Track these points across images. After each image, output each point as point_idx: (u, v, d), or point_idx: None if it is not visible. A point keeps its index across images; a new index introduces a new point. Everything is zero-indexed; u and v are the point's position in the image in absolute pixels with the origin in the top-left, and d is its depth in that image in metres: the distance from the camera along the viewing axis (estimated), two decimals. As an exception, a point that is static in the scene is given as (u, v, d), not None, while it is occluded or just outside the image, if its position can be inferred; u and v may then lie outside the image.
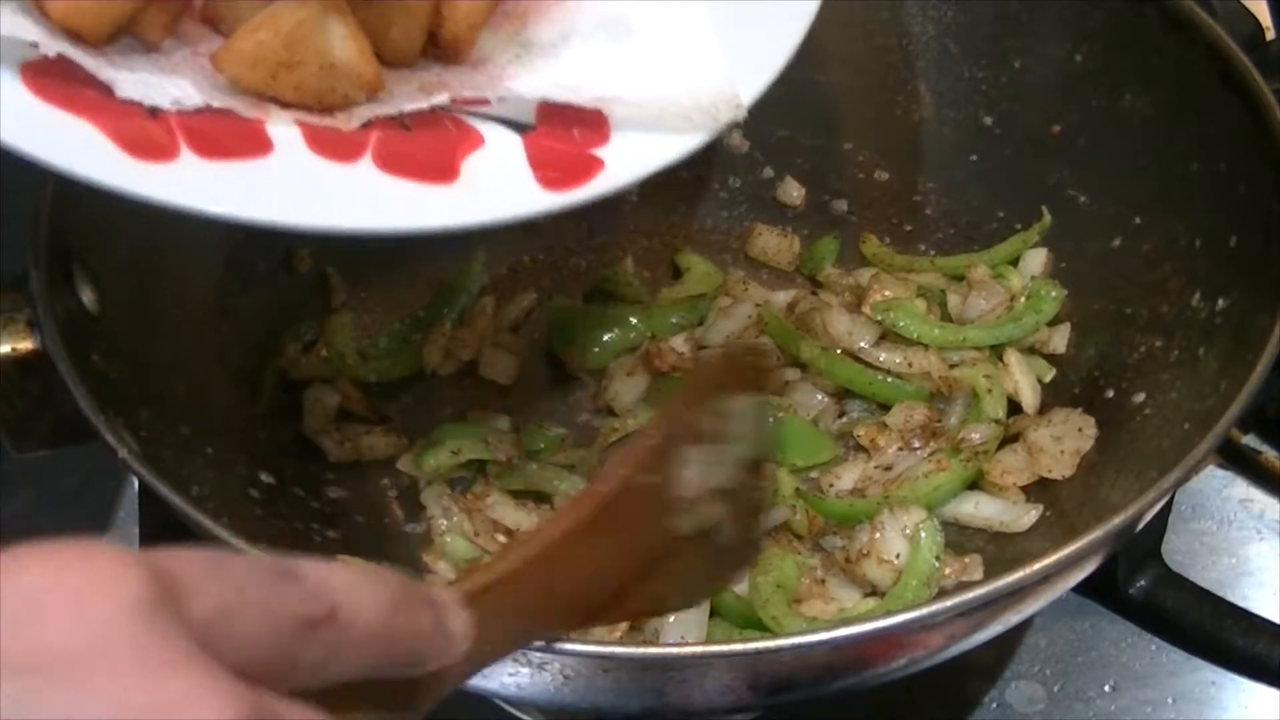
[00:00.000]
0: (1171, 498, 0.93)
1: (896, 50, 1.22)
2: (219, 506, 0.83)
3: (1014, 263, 1.17)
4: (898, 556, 0.98)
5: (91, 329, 0.92)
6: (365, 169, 0.82)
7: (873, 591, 0.99)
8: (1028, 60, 1.17)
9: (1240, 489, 1.15)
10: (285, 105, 0.83)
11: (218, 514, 0.80)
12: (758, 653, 0.74)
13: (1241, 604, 1.04)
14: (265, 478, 1.03)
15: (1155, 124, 1.07)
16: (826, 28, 1.24)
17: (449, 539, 1.02)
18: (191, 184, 0.77)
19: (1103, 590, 1.04)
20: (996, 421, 1.06)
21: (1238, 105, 0.98)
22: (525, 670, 0.75)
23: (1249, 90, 0.98)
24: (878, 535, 0.98)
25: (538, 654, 0.73)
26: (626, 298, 1.20)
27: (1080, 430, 1.03)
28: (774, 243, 1.25)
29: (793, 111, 1.27)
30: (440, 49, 0.91)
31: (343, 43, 0.83)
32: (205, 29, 0.87)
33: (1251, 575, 1.09)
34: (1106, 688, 1.02)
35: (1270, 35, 1.28)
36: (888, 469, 1.06)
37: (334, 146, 0.83)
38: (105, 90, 0.80)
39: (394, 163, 0.83)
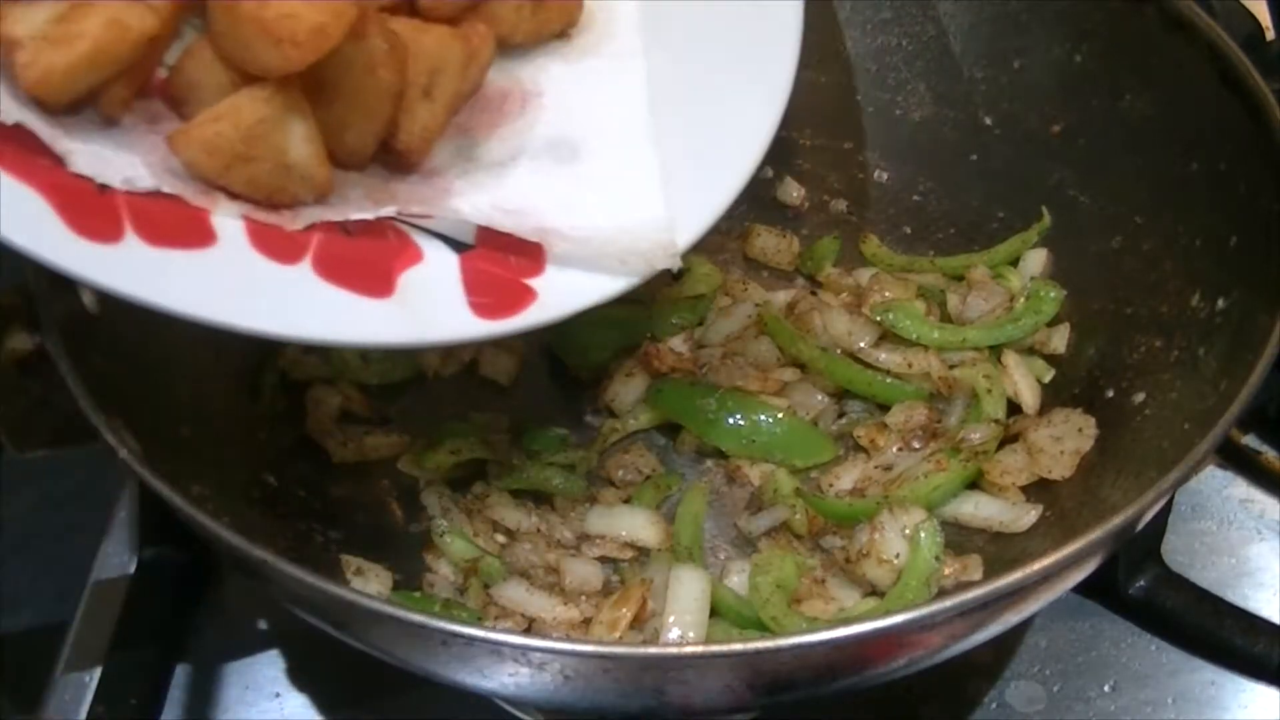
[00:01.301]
0: (1171, 498, 0.93)
1: (896, 50, 1.22)
2: (219, 506, 0.83)
3: (1014, 263, 1.17)
4: (898, 556, 0.98)
5: (91, 329, 0.92)
6: (303, 273, 0.82)
7: (873, 591, 0.99)
8: (1028, 60, 1.17)
9: (1240, 489, 1.15)
10: (233, 197, 0.83)
11: (218, 514, 0.80)
12: (758, 653, 0.74)
13: (1241, 604, 1.04)
14: (266, 478, 1.03)
15: (1155, 124, 1.07)
16: (826, 28, 1.25)
17: (449, 539, 1.02)
18: (131, 270, 0.77)
19: (1103, 590, 1.04)
20: (996, 421, 1.06)
21: (1238, 105, 0.98)
22: (525, 670, 0.75)
23: (1249, 90, 0.98)
24: (877, 535, 0.98)
25: (538, 654, 0.73)
26: (626, 298, 1.20)
27: (1080, 430, 1.03)
28: (774, 243, 1.25)
29: (793, 111, 1.27)
30: (392, 156, 0.90)
31: (301, 144, 0.83)
32: (164, 106, 0.86)
33: (1251, 575, 1.09)
34: (1106, 688, 1.02)
35: (1270, 35, 1.28)
36: (888, 469, 1.06)
37: (276, 245, 0.83)
38: (58, 161, 0.80)
39: (332, 269, 0.83)
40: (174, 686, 1.02)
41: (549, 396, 1.17)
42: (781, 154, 1.27)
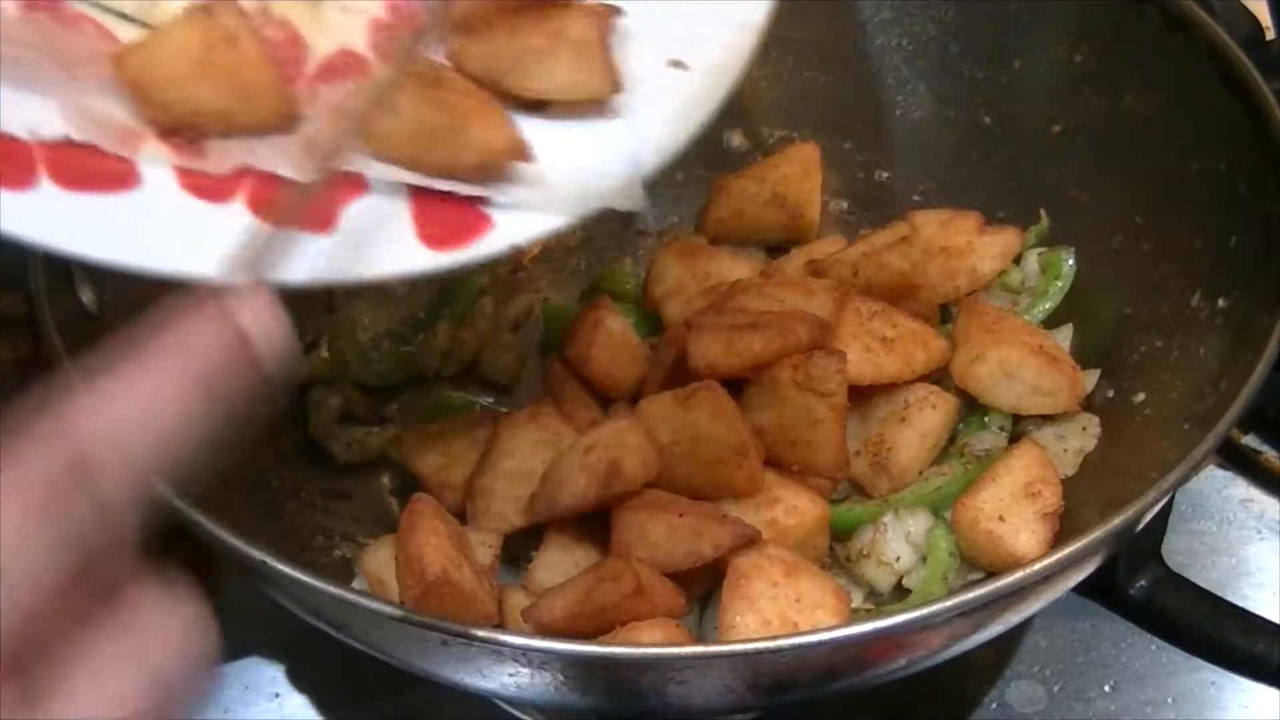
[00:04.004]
0: (1171, 498, 0.93)
1: (896, 50, 1.22)
2: (219, 506, 0.83)
3: (1015, 261, 1.17)
4: (898, 560, 0.98)
5: (91, 329, 0.92)
6: (237, 211, 0.77)
7: (872, 592, 0.99)
8: (1028, 60, 1.17)
9: (1240, 489, 1.15)
10: (161, 136, 0.78)
11: (218, 514, 0.80)
12: (758, 653, 0.74)
13: (1241, 604, 1.04)
14: (266, 478, 1.03)
15: (1155, 124, 1.07)
16: (827, 28, 1.25)
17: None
18: (46, 217, 0.73)
19: (1103, 590, 1.04)
20: (1000, 429, 1.06)
21: (1238, 105, 0.98)
22: (525, 670, 0.75)
23: (1249, 90, 0.98)
24: (879, 536, 0.98)
25: (538, 654, 0.73)
26: (626, 297, 1.20)
27: (1084, 429, 1.03)
28: (774, 243, 1.25)
29: (793, 111, 1.27)
30: None
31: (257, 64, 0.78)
32: (87, 43, 0.81)
33: (1251, 575, 1.09)
34: (1106, 688, 1.02)
35: (1270, 35, 1.28)
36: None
37: (206, 187, 0.78)
38: None
39: (268, 205, 0.78)
40: (174, 686, 1.02)
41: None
42: (782, 154, 1.27)
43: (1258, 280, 0.94)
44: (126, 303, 0.96)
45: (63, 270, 0.92)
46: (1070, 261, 1.13)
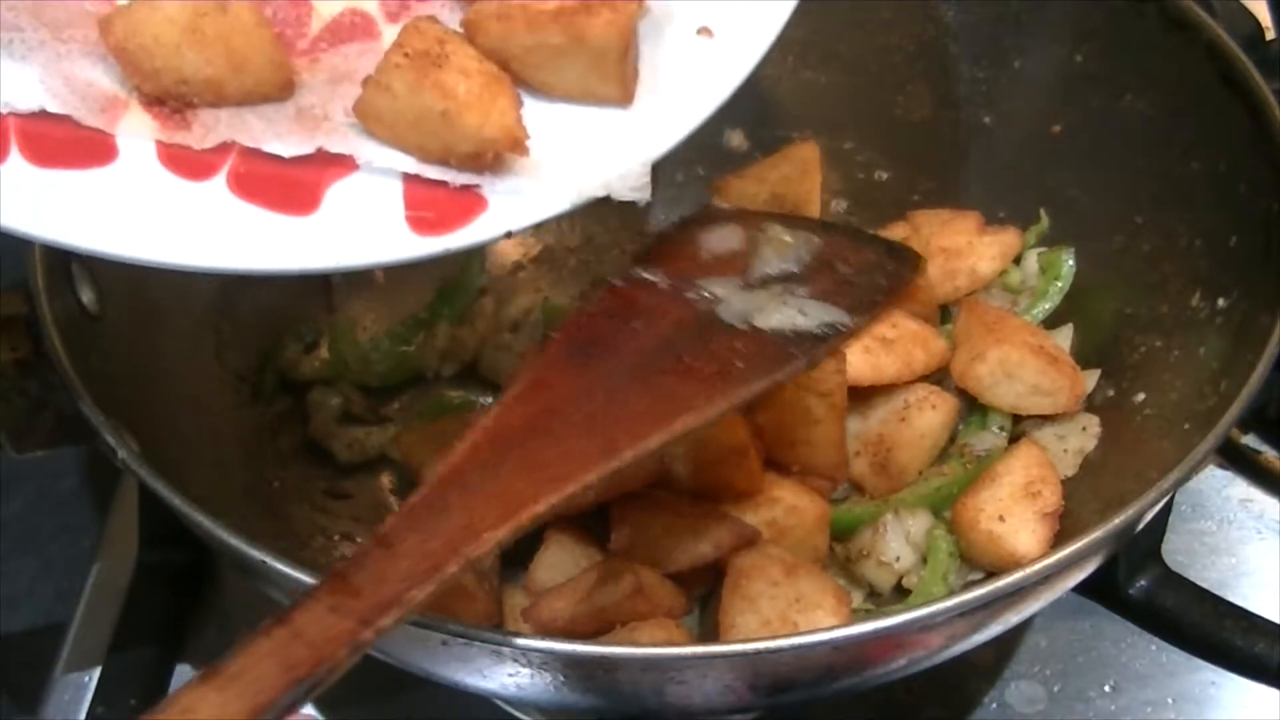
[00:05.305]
0: (1171, 498, 0.93)
1: (896, 50, 1.22)
2: (219, 506, 0.83)
3: (1015, 261, 1.17)
4: (898, 560, 0.98)
5: (91, 329, 0.92)
6: (215, 189, 0.74)
7: (872, 592, 0.99)
8: (1028, 60, 1.17)
9: (1240, 489, 1.15)
10: (147, 104, 0.75)
11: (218, 514, 0.80)
12: (758, 653, 0.74)
13: (1241, 604, 1.04)
14: (266, 478, 1.03)
15: (1155, 124, 1.07)
16: (827, 28, 1.25)
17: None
18: (14, 196, 0.70)
19: (1103, 590, 1.04)
20: (1000, 429, 1.06)
21: (1238, 105, 0.98)
22: (525, 670, 0.75)
23: (1249, 90, 0.98)
24: (879, 536, 0.98)
25: (538, 654, 0.73)
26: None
27: (1084, 429, 1.03)
28: (774, 243, 1.25)
29: (793, 111, 1.27)
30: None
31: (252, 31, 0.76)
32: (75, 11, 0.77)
33: (1251, 575, 1.09)
34: (1106, 688, 1.02)
35: (1270, 35, 1.28)
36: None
37: (185, 163, 0.75)
38: None
39: (249, 184, 0.75)
40: (174, 686, 1.02)
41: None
42: (781, 154, 1.27)
43: (1258, 280, 0.94)
44: (127, 303, 0.96)
45: (63, 270, 0.92)
46: (1070, 261, 1.13)
